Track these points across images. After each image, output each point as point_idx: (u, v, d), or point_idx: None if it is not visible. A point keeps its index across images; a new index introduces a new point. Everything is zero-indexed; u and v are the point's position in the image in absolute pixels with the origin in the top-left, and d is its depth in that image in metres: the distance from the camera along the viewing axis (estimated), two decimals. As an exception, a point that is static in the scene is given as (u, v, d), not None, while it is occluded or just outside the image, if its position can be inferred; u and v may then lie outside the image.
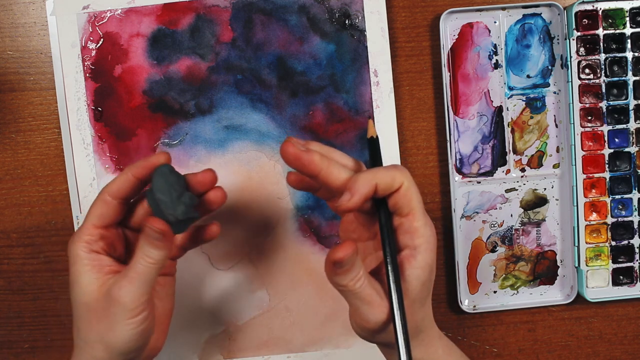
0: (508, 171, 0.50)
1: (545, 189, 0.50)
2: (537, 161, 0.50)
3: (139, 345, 0.36)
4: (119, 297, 0.35)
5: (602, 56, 0.49)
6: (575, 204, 0.49)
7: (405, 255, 0.34)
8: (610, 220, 0.50)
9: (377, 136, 0.37)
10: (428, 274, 0.35)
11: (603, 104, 0.49)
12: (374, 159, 0.36)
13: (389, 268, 0.34)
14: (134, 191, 0.37)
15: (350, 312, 0.36)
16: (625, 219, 0.50)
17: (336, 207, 0.33)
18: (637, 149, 0.49)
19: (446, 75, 0.48)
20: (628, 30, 0.49)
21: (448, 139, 0.48)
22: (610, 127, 0.49)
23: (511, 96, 0.49)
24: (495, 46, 0.49)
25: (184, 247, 0.41)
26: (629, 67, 0.49)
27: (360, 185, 0.32)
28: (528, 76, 0.49)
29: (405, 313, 0.33)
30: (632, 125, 0.49)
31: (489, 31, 0.49)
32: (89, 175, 0.48)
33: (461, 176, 0.50)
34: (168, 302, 0.41)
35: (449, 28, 0.49)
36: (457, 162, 0.50)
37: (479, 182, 0.50)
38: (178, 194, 0.36)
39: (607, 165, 0.49)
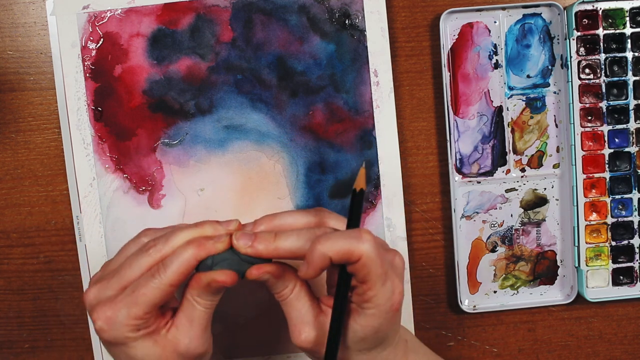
0: (508, 171, 0.50)
1: (545, 189, 0.50)
2: (537, 161, 0.50)
3: None
4: (191, 351, 0.36)
5: (602, 56, 0.49)
6: (575, 204, 0.49)
7: (353, 308, 0.35)
8: (610, 220, 0.50)
9: (364, 189, 0.35)
10: (372, 334, 0.35)
11: (603, 104, 0.49)
12: (352, 215, 0.35)
13: (333, 320, 0.34)
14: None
15: None
16: (625, 219, 0.50)
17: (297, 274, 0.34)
18: (637, 149, 0.49)
19: (446, 75, 0.48)
20: (628, 30, 0.49)
21: (448, 139, 0.48)
22: (610, 127, 0.49)
23: (511, 96, 0.49)
24: (495, 46, 0.49)
25: None
26: (629, 67, 0.49)
27: (316, 258, 0.33)
28: (528, 76, 0.49)
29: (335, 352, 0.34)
30: (632, 125, 0.49)
31: (489, 31, 0.49)
32: (89, 175, 0.48)
33: (461, 176, 0.50)
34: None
35: (449, 28, 0.49)
36: (457, 162, 0.50)
37: (479, 182, 0.50)
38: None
39: (607, 165, 0.49)
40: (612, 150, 0.49)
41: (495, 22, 0.49)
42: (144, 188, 0.48)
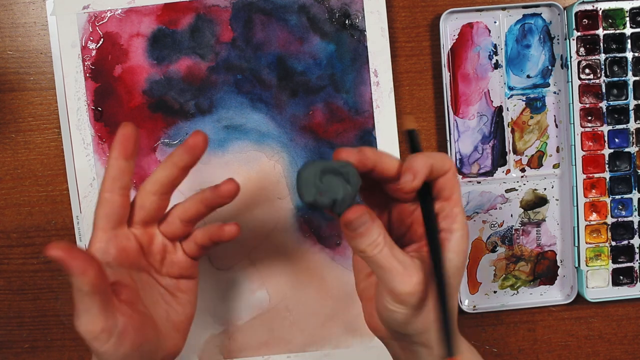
0: (508, 171, 0.50)
1: (545, 189, 0.50)
2: (537, 161, 0.50)
3: None
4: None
5: (602, 56, 0.49)
6: (575, 204, 0.49)
7: (441, 239, 0.35)
8: (610, 220, 0.50)
9: (415, 129, 0.37)
10: (462, 260, 0.35)
11: (603, 104, 0.49)
12: (415, 149, 0.37)
13: (432, 249, 0.34)
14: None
15: (377, 296, 0.36)
16: (625, 219, 0.50)
17: (398, 188, 0.34)
18: (637, 149, 0.49)
19: (446, 75, 0.48)
20: (628, 30, 0.49)
21: (448, 139, 0.48)
22: (610, 127, 0.49)
23: (511, 96, 0.49)
24: (495, 46, 0.49)
25: (205, 246, 0.40)
26: (629, 67, 0.49)
27: (420, 166, 0.34)
28: (528, 76, 0.49)
29: (446, 299, 0.33)
30: (632, 125, 0.49)
31: (489, 31, 0.49)
32: (89, 175, 0.48)
33: (461, 176, 0.50)
34: (189, 308, 0.40)
35: (449, 28, 0.49)
36: (457, 162, 0.50)
37: (479, 182, 0.50)
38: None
39: (607, 165, 0.49)
40: (612, 151, 0.49)
41: (495, 22, 0.49)
42: (144, 188, 0.48)
